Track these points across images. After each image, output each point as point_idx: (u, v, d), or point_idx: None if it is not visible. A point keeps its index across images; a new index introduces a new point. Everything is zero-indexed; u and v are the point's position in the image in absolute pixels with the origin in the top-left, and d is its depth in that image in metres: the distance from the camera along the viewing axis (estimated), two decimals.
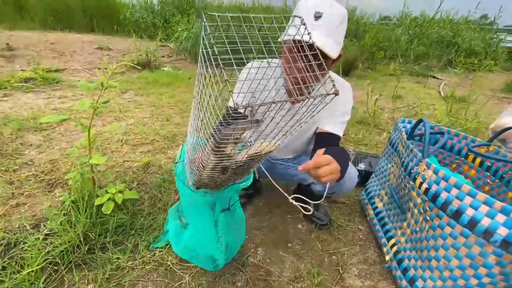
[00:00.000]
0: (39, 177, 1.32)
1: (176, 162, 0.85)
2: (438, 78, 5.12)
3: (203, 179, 0.66)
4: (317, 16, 0.74)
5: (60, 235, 0.95)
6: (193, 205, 0.81)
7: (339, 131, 0.98)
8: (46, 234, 0.97)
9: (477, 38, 6.94)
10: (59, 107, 2.18)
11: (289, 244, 1.11)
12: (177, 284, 0.90)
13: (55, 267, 0.89)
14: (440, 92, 4.04)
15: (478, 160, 1.09)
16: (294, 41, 0.74)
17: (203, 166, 0.59)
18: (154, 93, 2.84)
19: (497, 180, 1.01)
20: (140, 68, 3.11)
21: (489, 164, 1.05)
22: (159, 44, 4.58)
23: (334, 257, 1.07)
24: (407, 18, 7.37)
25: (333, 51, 0.75)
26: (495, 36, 7.55)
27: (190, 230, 0.91)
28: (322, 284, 0.95)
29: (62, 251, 0.91)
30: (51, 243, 0.93)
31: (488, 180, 1.04)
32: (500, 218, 0.64)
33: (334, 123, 0.98)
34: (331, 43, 0.75)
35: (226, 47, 0.44)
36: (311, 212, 0.67)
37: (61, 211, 1.04)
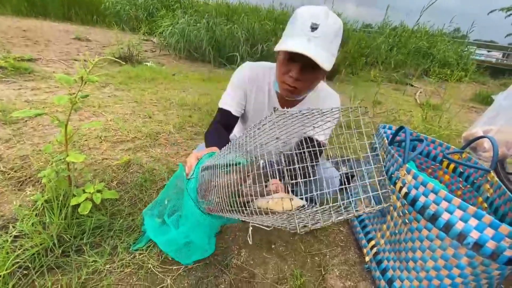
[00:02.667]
0: (8, 174, 1.23)
1: (189, 178, 0.81)
2: (414, 86, 5.39)
3: (218, 208, 0.65)
4: (314, 28, 0.74)
5: (31, 237, 0.89)
6: (196, 220, 0.79)
7: (324, 139, 1.00)
8: (15, 236, 0.91)
9: (450, 50, 7.40)
10: (31, 100, 2.04)
11: (273, 246, 1.11)
12: (158, 287, 0.87)
13: (25, 271, 0.83)
14: (416, 100, 4.25)
15: (452, 166, 1.15)
16: (289, 51, 0.75)
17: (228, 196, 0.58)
18: (136, 88, 2.75)
19: (468, 186, 1.07)
20: (122, 63, 3.00)
21: (461, 170, 1.12)
22: (142, 38, 4.42)
23: (316, 258, 1.09)
24: (387, 27, 7.70)
25: (327, 63, 0.75)
26: (466, 49, 8.08)
27: (183, 229, 0.88)
28: (305, 285, 0.96)
29: (33, 254, 0.86)
30: (21, 245, 0.87)
31: (461, 185, 1.10)
32: (473, 222, 0.68)
33: (321, 129, 1.00)
34: (325, 54, 0.76)
35: None
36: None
37: (32, 211, 0.98)
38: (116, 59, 1.25)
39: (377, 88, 3.30)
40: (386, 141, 1.07)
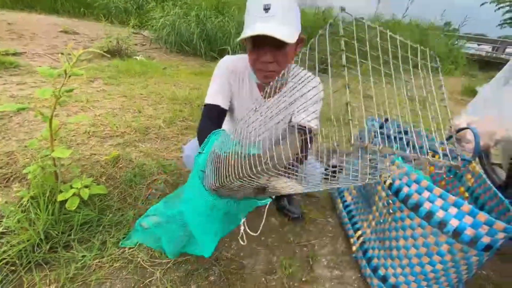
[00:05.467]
0: None
1: (200, 152, 0.77)
2: (405, 79, 5.43)
3: (227, 188, 0.63)
4: (267, 8, 0.76)
5: (17, 234, 0.89)
6: (200, 202, 0.76)
7: (313, 123, 0.99)
8: (1, 233, 0.90)
9: (440, 43, 7.46)
10: (16, 94, 2.00)
11: (262, 238, 1.13)
12: (147, 281, 0.88)
13: (13, 268, 0.83)
14: (406, 92, 4.30)
15: (436, 157, 1.18)
16: (250, 37, 0.76)
17: (238, 177, 0.56)
18: (125, 83, 2.70)
19: (451, 176, 1.10)
20: (109, 56, 2.94)
21: None
22: (131, 31, 4.32)
23: (305, 248, 1.11)
24: (379, 20, 7.70)
25: (289, 36, 0.77)
26: (456, 42, 8.17)
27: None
28: (293, 275, 0.98)
29: (20, 250, 0.85)
30: (8, 242, 0.86)
31: (444, 176, 1.13)
32: (453, 210, 0.70)
33: (307, 114, 0.99)
34: (286, 28, 0.77)
35: None
36: None
37: (18, 207, 0.97)
38: (103, 53, 1.23)
39: (368, 81, 3.32)
40: (373, 134, 1.08)
